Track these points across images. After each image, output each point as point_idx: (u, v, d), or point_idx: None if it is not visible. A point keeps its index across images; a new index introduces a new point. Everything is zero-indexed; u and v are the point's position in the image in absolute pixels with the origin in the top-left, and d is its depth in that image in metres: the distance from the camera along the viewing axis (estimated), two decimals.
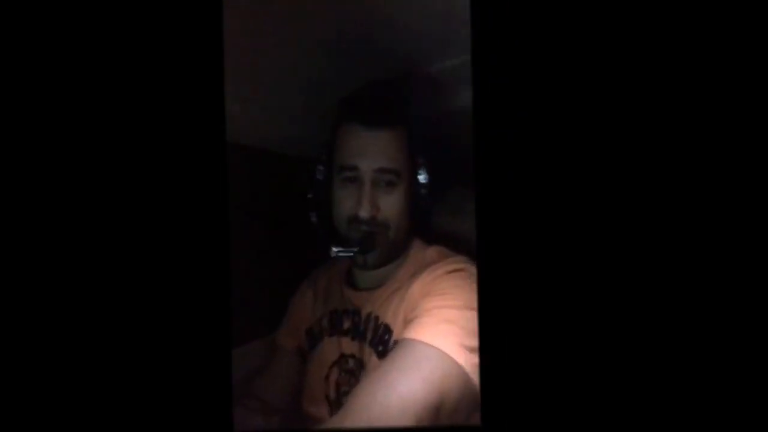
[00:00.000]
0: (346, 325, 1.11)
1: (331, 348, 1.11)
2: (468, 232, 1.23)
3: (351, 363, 1.07)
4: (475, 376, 0.84)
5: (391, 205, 1.01)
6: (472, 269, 0.98)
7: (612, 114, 0.58)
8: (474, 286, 0.94)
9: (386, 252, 1.04)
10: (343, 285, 1.14)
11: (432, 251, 1.07)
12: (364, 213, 1.00)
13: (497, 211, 0.64)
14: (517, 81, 0.60)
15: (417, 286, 0.99)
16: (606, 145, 0.58)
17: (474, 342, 0.88)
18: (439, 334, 0.88)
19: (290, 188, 1.13)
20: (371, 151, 1.00)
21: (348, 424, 0.93)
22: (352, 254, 1.04)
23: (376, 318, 1.05)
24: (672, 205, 0.57)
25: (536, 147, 0.61)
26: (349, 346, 1.08)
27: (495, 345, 0.63)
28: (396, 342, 0.97)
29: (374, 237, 1.01)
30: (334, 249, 1.04)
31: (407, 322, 0.96)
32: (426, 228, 1.15)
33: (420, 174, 1.03)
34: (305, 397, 1.09)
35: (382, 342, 1.01)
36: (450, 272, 0.99)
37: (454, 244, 1.08)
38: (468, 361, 0.86)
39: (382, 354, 1.00)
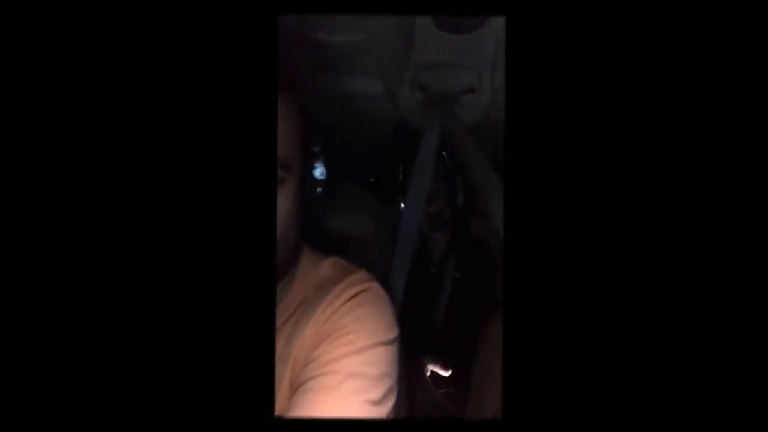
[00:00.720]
0: None
1: None
2: (363, 236, 1.03)
3: None
4: None
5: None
6: (375, 287, 0.79)
7: (645, 121, 0.60)
8: (380, 308, 0.76)
9: None
10: None
11: (327, 265, 0.81)
12: None
13: (524, 209, 0.60)
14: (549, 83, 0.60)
15: (312, 327, 0.72)
16: (641, 152, 0.60)
17: (380, 391, 0.69)
18: (344, 398, 0.66)
19: None
20: None
21: None
22: None
23: None
24: (696, 216, 0.59)
25: (569, 149, 0.60)
26: None
27: (516, 340, 0.58)
28: (283, 419, 0.70)
29: None
30: None
31: (299, 381, 0.70)
32: (318, 234, 0.92)
33: (316, 168, 0.79)
34: None
35: None
36: (351, 298, 0.75)
37: (348, 252, 0.88)
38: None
39: None
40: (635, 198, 0.57)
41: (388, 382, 0.72)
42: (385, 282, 1.06)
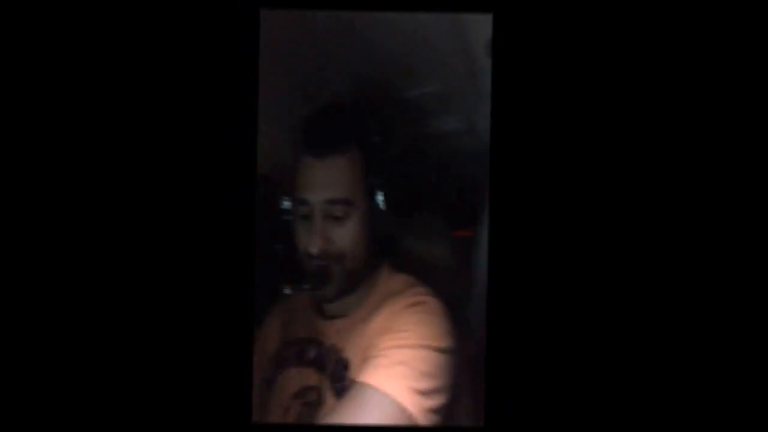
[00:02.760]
0: (311, 355, 1.06)
1: (293, 379, 1.06)
2: (437, 257, 1.21)
3: (312, 396, 1.02)
4: (423, 420, 0.82)
5: (343, 235, 0.96)
6: (434, 302, 0.97)
7: (634, 137, 0.60)
8: (434, 320, 0.93)
9: (344, 283, 0.99)
10: (311, 311, 1.11)
11: (398, 280, 1.04)
12: (313, 249, 0.95)
13: (509, 219, 0.66)
14: (535, 104, 0.63)
15: (377, 322, 0.96)
16: (623, 166, 0.60)
17: (425, 384, 0.85)
18: (392, 377, 0.84)
19: None
20: (320, 182, 0.95)
21: None
22: (304, 291, 0.99)
23: (337, 351, 1.00)
24: (683, 226, 0.59)
25: (553, 169, 0.63)
26: (311, 377, 1.03)
27: (499, 346, 0.63)
28: (352, 381, 0.93)
29: (326, 271, 0.97)
30: (286, 289, 0.99)
31: (364, 360, 0.92)
32: (392, 254, 1.12)
33: (377, 198, 0.99)
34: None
35: (340, 378, 0.97)
36: (410, 305, 0.96)
37: (423, 271, 1.06)
38: (417, 406, 0.83)
39: (339, 391, 0.96)
40: (622, 204, 0.60)
41: (436, 383, 0.88)
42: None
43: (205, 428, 0.57)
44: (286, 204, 0.99)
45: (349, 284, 1.01)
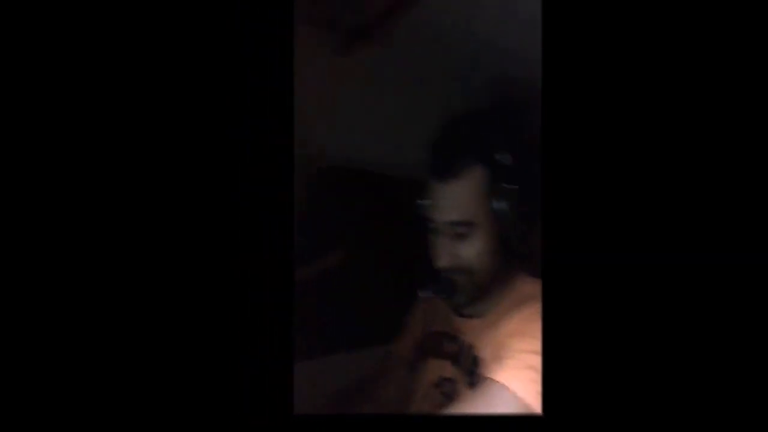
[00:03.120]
0: (449, 348, 1.15)
1: (433, 369, 1.16)
2: None
3: (448, 387, 1.10)
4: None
5: (468, 252, 1.00)
6: None
7: (693, 135, 0.57)
8: None
9: (472, 294, 1.04)
10: (449, 309, 1.19)
11: (534, 285, 1.07)
12: (440, 263, 1.01)
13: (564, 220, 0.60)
14: (590, 101, 0.60)
15: (510, 325, 0.99)
16: (687, 167, 0.58)
17: None
18: (521, 379, 0.86)
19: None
20: (442, 204, 0.99)
21: None
22: (434, 298, 1.07)
23: (471, 348, 1.07)
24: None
25: (612, 170, 0.60)
26: (448, 369, 1.12)
27: (558, 333, 0.58)
28: (483, 378, 0.98)
29: (454, 283, 1.03)
30: (420, 293, 1.07)
31: (495, 359, 0.95)
32: (528, 257, 1.14)
33: (500, 216, 0.99)
34: (409, 410, 1.16)
35: (472, 373, 1.03)
36: None
37: None
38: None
39: (471, 385, 1.02)
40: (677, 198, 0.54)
41: None
42: None
43: (248, 420, 0.56)
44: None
45: (479, 294, 1.06)
